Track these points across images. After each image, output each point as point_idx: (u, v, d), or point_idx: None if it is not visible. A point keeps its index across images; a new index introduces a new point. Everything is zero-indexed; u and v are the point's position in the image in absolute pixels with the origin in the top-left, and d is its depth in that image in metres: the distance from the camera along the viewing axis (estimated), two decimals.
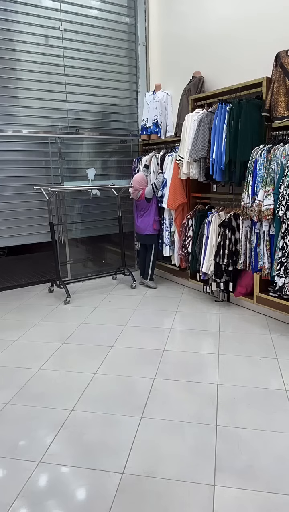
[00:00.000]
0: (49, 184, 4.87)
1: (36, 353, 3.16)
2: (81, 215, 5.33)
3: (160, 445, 2.09)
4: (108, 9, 5.23)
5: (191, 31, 4.77)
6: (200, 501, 1.75)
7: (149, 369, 2.87)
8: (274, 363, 2.91)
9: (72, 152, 5.24)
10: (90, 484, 1.86)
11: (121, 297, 4.54)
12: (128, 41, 5.49)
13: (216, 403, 2.44)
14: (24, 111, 4.83)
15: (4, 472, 1.95)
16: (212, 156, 3.90)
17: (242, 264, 3.80)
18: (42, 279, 5.22)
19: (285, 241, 3.22)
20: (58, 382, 2.74)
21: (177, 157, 4.40)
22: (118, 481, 1.86)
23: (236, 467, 1.94)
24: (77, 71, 5.08)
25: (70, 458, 2.02)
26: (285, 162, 3.25)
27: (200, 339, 3.40)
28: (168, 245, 4.75)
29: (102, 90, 5.34)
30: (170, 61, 5.24)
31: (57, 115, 5.05)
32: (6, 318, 3.97)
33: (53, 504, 1.76)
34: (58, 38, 4.90)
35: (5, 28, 4.55)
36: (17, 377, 2.81)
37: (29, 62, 4.75)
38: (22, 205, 4.88)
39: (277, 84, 3.39)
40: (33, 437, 2.18)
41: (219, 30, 4.38)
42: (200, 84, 4.54)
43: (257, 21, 3.94)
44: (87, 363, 2.97)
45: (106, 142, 5.51)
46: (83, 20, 5.03)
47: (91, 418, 2.33)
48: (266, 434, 2.17)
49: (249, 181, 3.54)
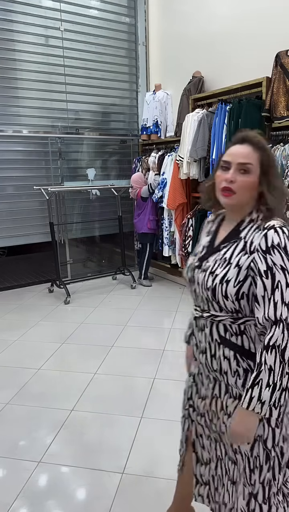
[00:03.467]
0: (49, 184, 4.87)
1: (36, 353, 3.16)
2: (81, 215, 5.33)
3: (160, 445, 2.09)
4: (108, 9, 5.23)
5: (191, 31, 4.77)
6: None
7: (148, 369, 2.87)
8: None
9: (72, 152, 5.24)
10: (90, 484, 1.86)
11: (121, 297, 4.54)
12: (128, 41, 5.49)
13: None
14: (24, 111, 4.83)
15: (4, 472, 1.95)
16: (212, 156, 3.90)
17: None
18: (42, 279, 5.22)
19: None
20: (58, 382, 2.74)
21: (177, 157, 4.40)
22: (118, 481, 1.86)
23: None
24: (77, 71, 5.08)
25: (70, 458, 2.02)
26: (285, 162, 3.25)
27: None
28: (167, 245, 4.75)
29: (102, 90, 5.34)
30: (170, 61, 5.24)
31: (57, 115, 5.05)
32: (6, 318, 3.97)
33: (53, 504, 1.76)
34: (58, 38, 4.89)
35: (5, 28, 4.55)
36: (17, 377, 2.80)
37: (29, 62, 4.75)
38: (22, 205, 4.88)
39: (277, 84, 3.39)
40: (33, 437, 2.18)
41: (219, 30, 4.37)
42: (200, 84, 4.54)
43: (257, 21, 3.94)
44: (87, 363, 2.97)
45: (106, 142, 5.51)
46: (83, 20, 5.03)
47: (91, 418, 2.33)
48: None
49: None
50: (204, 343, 1.20)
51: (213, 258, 1.16)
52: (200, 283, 1.16)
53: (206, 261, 1.18)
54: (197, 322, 1.22)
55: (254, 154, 1.11)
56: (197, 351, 1.24)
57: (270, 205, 1.11)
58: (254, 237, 1.10)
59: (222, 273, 1.11)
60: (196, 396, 1.29)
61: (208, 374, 1.22)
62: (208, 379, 1.23)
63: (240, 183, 1.10)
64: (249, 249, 1.09)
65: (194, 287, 1.20)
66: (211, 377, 1.21)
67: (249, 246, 1.10)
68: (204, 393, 1.26)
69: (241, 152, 1.11)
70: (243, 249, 1.11)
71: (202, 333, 1.20)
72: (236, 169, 1.11)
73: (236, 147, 1.13)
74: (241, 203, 1.14)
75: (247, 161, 1.10)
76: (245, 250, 1.10)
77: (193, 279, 1.20)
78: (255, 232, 1.11)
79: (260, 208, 1.13)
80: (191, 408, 1.32)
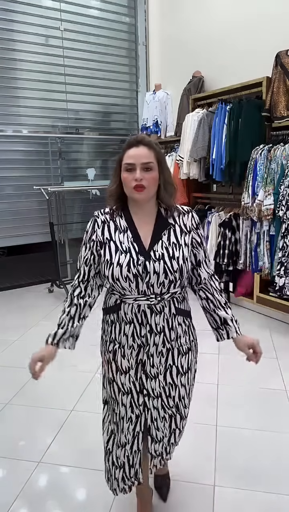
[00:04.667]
0: (49, 184, 4.86)
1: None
2: (81, 215, 5.33)
3: None
4: (109, 9, 5.23)
5: (191, 31, 4.77)
6: (200, 501, 1.75)
7: None
8: (274, 363, 2.91)
9: (72, 152, 5.24)
10: (90, 484, 1.85)
11: None
12: (128, 41, 5.49)
13: (216, 403, 2.44)
14: (24, 111, 4.83)
15: (4, 472, 1.95)
16: (212, 156, 3.90)
17: (242, 264, 3.80)
18: (42, 279, 5.21)
19: (285, 241, 3.22)
20: (58, 382, 2.74)
21: (177, 157, 4.39)
22: None
23: (236, 467, 1.94)
24: (77, 71, 5.08)
25: (70, 458, 2.02)
26: (285, 162, 3.25)
27: (199, 339, 3.37)
28: None
29: (103, 90, 5.34)
30: (170, 61, 5.24)
31: (57, 115, 5.05)
32: (6, 318, 3.97)
33: (53, 504, 1.76)
34: (58, 38, 4.89)
35: (5, 28, 4.54)
36: (17, 377, 2.80)
37: (29, 62, 4.75)
38: (22, 205, 4.88)
39: (277, 84, 3.39)
40: (33, 437, 2.18)
41: (219, 30, 4.37)
42: (200, 84, 4.54)
43: (257, 21, 3.94)
44: (87, 363, 2.97)
45: (106, 142, 5.51)
46: (83, 20, 5.03)
47: (91, 418, 2.33)
48: (266, 434, 2.17)
49: (249, 181, 3.53)
50: (161, 323, 1.34)
51: (160, 246, 1.30)
52: (159, 271, 1.28)
53: (152, 251, 1.29)
54: (153, 308, 1.32)
55: (151, 153, 1.28)
56: (151, 336, 1.34)
57: (169, 193, 1.34)
58: (183, 220, 1.36)
59: (181, 254, 1.31)
60: (147, 381, 1.38)
61: (161, 350, 1.36)
62: (160, 355, 1.36)
63: (148, 179, 1.27)
64: (186, 230, 1.36)
65: (146, 279, 1.28)
66: (164, 351, 1.37)
67: (184, 228, 1.35)
68: (154, 372, 1.37)
69: (142, 153, 1.27)
70: (181, 231, 1.35)
71: (159, 316, 1.33)
72: (141, 168, 1.26)
73: (135, 149, 1.27)
74: (150, 196, 1.32)
75: (149, 160, 1.27)
76: (184, 231, 1.35)
77: (144, 271, 1.28)
78: (180, 217, 1.37)
79: (163, 197, 1.33)
80: (146, 397, 1.39)
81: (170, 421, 1.44)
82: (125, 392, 1.40)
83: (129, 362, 1.37)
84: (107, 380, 1.45)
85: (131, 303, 1.33)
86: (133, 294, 1.32)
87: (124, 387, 1.40)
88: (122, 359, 1.38)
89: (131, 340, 1.35)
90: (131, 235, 1.31)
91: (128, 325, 1.35)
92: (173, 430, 1.46)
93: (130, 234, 1.32)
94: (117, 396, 1.41)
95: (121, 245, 1.30)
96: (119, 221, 1.35)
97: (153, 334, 1.34)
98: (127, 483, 1.47)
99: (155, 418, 1.41)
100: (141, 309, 1.32)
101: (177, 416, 1.45)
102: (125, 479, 1.46)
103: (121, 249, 1.30)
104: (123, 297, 1.34)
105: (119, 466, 1.45)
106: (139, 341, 1.35)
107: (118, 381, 1.40)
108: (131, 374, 1.38)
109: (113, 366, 1.40)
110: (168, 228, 1.33)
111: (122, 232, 1.33)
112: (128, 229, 1.33)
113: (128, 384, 1.39)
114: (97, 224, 1.35)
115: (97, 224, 1.35)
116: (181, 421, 1.47)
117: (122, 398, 1.40)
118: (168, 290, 1.32)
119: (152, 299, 1.32)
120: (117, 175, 1.32)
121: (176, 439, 1.50)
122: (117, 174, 1.32)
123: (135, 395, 1.40)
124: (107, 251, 1.31)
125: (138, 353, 1.36)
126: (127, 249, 1.30)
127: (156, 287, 1.30)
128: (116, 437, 1.45)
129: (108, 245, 1.32)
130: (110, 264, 1.29)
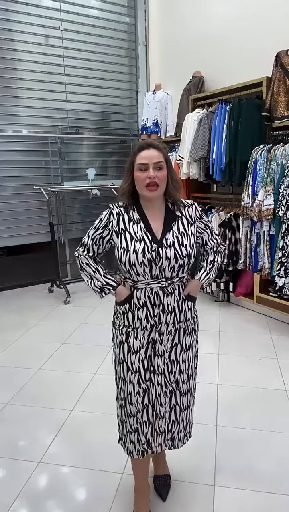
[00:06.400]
0: (49, 184, 4.86)
1: (36, 353, 3.16)
2: (81, 215, 5.32)
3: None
4: (108, 9, 5.23)
5: (191, 31, 4.77)
6: (200, 501, 1.75)
7: None
8: (274, 363, 2.91)
9: (72, 152, 5.24)
10: (90, 484, 1.86)
11: None
12: (128, 41, 5.49)
13: (216, 403, 2.44)
14: (24, 111, 4.83)
15: (4, 472, 1.95)
16: (212, 156, 3.90)
17: (242, 264, 3.80)
18: (42, 279, 5.21)
19: (285, 241, 3.22)
20: (58, 382, 2.74)
21: (177, 157, 4.39)
22: (118, 481, 1.86)
23: (236, 467, 1.94)
24: (77, 71, 5.08)
25: (70, 458, 2.02)
26: (285, 162, 3.25)
27: (200, 339, 3.37)
28: None
29: (102, 90, 5.34)
30: (170, 61, 5.24)
31: (57, 115, 5.05)
32: (6, 318, 3.97)
33: (53, 504, 1.76)
34: (58, 38, 4.90)
35: (5, 28, 4.55)
36: (17, 377, 2.80)
37: (29, 62, 4.75)
38: (22, 205, 4.88)
39: (277, 84, 3.39)
40: (33, 437, 2.18)
41: (219, 30, 4.37)
42: (200, 84, 4.54)
43: (257, 21, 3.94)
44: (87, 363, 2.97)
45: (106, 142, 5.50)
46: (83, 20, 5.03)
47: (91, 418, 2.33)
48: (266, 434, 2.17)
49: (249, 181, 3.53)
50: (172, 304, 1.51)
51: (171, 235, 1.48)
52: (170, 257, 1.45)
53: (165, 239, 1.46)
54: (165, 290, 1.49)
55: (160, 154, 1.46)
56: (163, 315, 1.50)
57: (176, 188, 1.52)
58: (188, 212, 1.55)
59: (188, 241, 1.50)
60: (154, 359, 1.52)
61: (170, 329, 1.52)
62: (169, 334, 1.52)
63: (160, 177, 1.44)
64: (192, 220, 1.55)
65: (159, 263, 1.45)
66: (172, 330, 1.53)
67: (190, 218, 1.54)
68: (162, 349, 1.53)
69: (153, 154, 1.45)
70: (188, 222, 1.53)
71: (170, 297, 1.50)
72: (153, 168, 1.44)
73: (146, 152, 1.45)
74: (162, 192, 1.49)
75: (160, 160, 1.45)
76: (190, 222, 1.54)
77: (157, 257, 1.44)
78: (186, 209, 1.55)
79: (171, 192, 1.51)
80: (152, 374, 1.53)
81: (170, 396, 1.58)
82: (134, 371, 1.53)
83: (141, 342, 1.51)
84: (118, 361, 1.57)
85: (144, 287, 1.48)
86: (146, 279, 1.47)
87: (134, 366, 1.52)
88: (134, 340, 1.51)
89: (145, 321, 1.50)
90: (144, 226, 1.48)
91: (141, 310, 1.49)
92: (172, 406, 1.59)
93: (143, 224, 1.48)
94: (126, 375, 1.54)
95: (136, 234, 1.47)
96: (133, 214, 1.51)
97: (165, 313, 1.50)
98: (142, 447, 1.59)
99: (158, 394, 1.55)
100: (154, 291, 1.48)
101: (176, 392, 1.59)
102: (140, 442, 1.59)
103: (136, 237, 1.46)
104: (136, 283, 1.48)
105: (133, 431, 1.58)
106: (152, 320, 1.50)
107: (129, 361, 1.53)
108: (141, 353, 1.52)
109: (125, 347, 1.53)
110: (176, 219, 1.52)
111: (135, 223, 1.49)
112: (141, 220, 1.49)
113: (137, 363, 1.52)
114: (113, 215, 1.52)
115: (113, 215, 1.52)
116: (181, 397, 1.60)
117: (131, 377, 1.53)
118: (177, 274, 1.49)
119: (163, 282, 1.48)
120: (129, 174, 1.49)
121: (177, 418, 1.62)
122: (130, 174, 1.49)
123: (142, 372, 1.53)
124: (123, 240, 1.47)
125: (150, 332, 1.50)
126: (142, 238, 1.46)
127: (166, 271, 1.46)
128: (126, 410, 1.57)
129: (124, 235, 1.48)
130: (127, 251, 1.45)
